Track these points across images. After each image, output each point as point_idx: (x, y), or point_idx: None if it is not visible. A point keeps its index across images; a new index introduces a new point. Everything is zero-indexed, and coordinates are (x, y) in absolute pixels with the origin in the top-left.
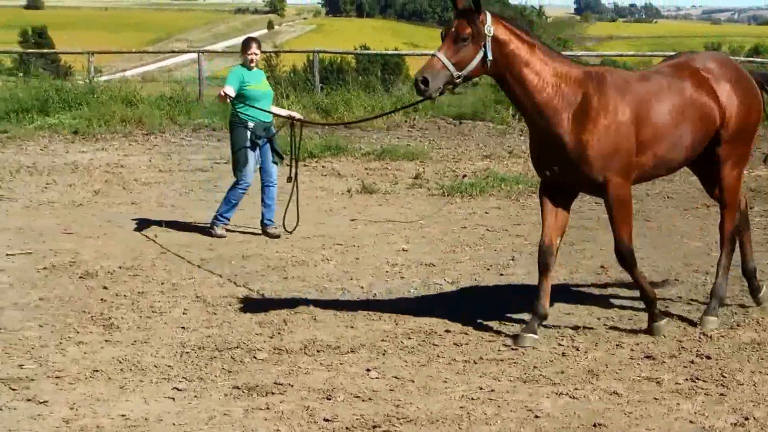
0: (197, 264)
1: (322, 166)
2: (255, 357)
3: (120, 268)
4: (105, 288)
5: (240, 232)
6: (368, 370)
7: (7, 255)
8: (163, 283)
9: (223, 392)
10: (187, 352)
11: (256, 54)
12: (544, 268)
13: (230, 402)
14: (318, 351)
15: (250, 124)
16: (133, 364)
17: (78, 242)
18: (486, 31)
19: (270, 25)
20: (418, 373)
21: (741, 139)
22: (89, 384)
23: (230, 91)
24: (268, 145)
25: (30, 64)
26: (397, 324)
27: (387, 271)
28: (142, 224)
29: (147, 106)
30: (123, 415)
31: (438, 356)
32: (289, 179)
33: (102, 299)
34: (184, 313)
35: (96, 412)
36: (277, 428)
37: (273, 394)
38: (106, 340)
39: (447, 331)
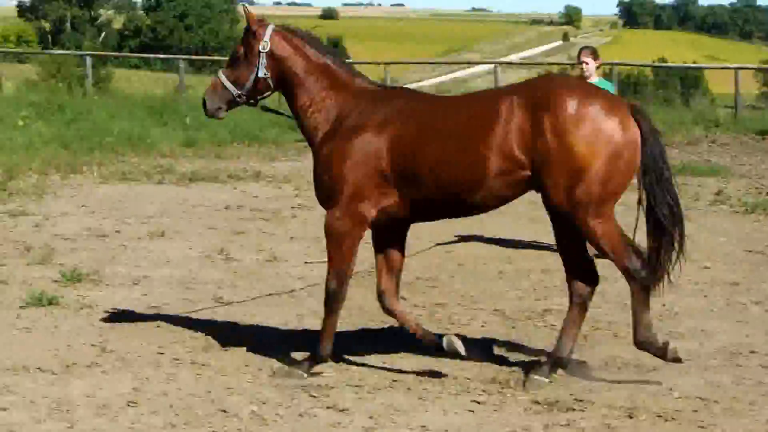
0: (495, 277)
1: None
2: (555, 372)
3: (418, 279)
4: (403, 298)
5: (538, 247)
6: (671, 389)
7: (306, 263)
8: (461, 296)
9: (523, 407)
10: (487, 365)
11: (585, 63)
12: None
13: (530, 417)
14: (619, 368)
15: None
16: (432, 375)
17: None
18: (260, 48)
19: (565, 37)
20: (724, 395)
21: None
22: (388, 393)
23: None
24: None
25: None
26: (700, 343)
27: (689, 290)
28: (439, 237)
29: None
30: (423, 426)
31: (743, 378)
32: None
33: None
34: (483, 326)
35: (395, 422)
36: None
37: (573, 410)
38: (406, 351)
39: (752, 352)
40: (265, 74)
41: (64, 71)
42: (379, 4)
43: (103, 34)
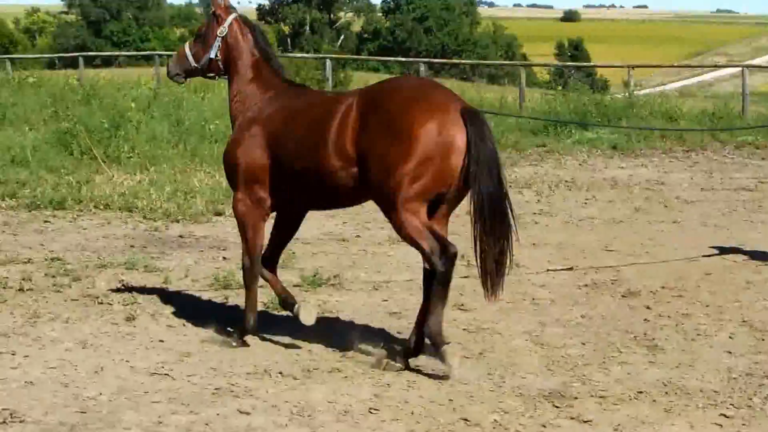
0: (744, 287)
1: None
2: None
3: (663, 288)
4: (648, 308)
5: None
6: None
7: (548, 270)
8: (707, 306)
9: None
10: (734, 378)
11: None
12: None
13: None
14: None
15: None
16: (678, 387)
17: (619, 260)
18: (219, 33)
19: None
20: None
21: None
22: (633, 405)
23: None
24: None
25: (567, 78)
26: None
27: None
28: (685, 244)
29: (688, 121)
30: None
31: None
32: None
33: (645, 319)
34: (730, 338)
35: None
36: None
37: None
38: (650, 362)
39: None
40: (216, 56)
41: (303, 74)
42: (621, 6)
43: (342, 37)
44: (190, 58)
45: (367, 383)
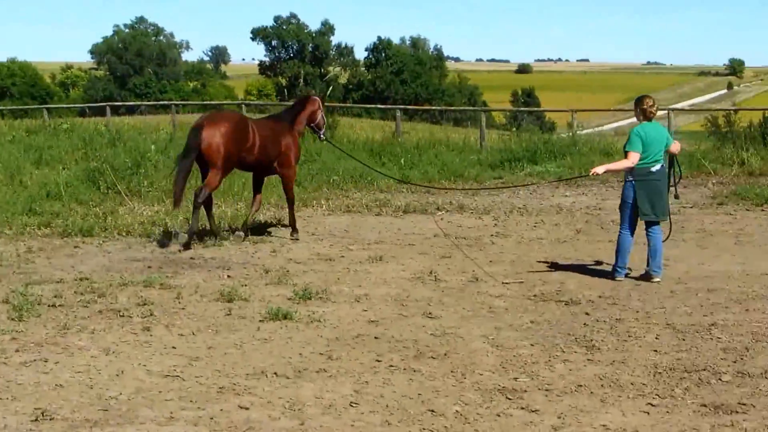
0: (668, 295)
1: None
2: (720, 379)
3: (600, 297)
4: (587, 314)
5: (703, 267)
6: None
7: (503, 283)
8: (637, 312)
9: (692, 409)
10: (659, 372)
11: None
12: None
13: (698, 418)
14: None
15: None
16: (612, 381)
17: (563, 274)
18: None
19: (729, 86)
20: None
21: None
22: (574, 397)
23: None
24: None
25: (521, 120)
26: None
27: None
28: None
29: (621, 155)
30: (604, 426)
31: None
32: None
33: (584, 324)
34: (656, 338)
35: (580, 422)
36: None
37: (737, 413)
38: (589, 359)
39: None
40: None
41: None
42: (567, 60)
43: (330, 88)
44: None
45: (349, 381)
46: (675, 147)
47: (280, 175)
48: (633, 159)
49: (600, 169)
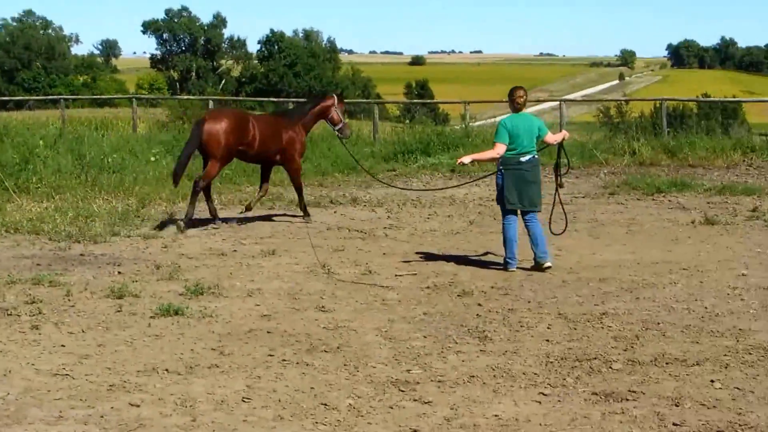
0: (560, 285)
1: (669, 200)
2: (611, 367)
3: (492, 287)
4: (479, 305)
5: (595, 257)
6: (712, 381)
7: (396, 275)
8: (529, 302)
9: (583, 397)
10: (551, 362)
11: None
12: None
13: (590, 406)
14: (667, 363)
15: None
16: (504, 371)
17: (456, 265)
18: None
19: (621, 77)
20: (759, 385)
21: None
22: (467, 388)
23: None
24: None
25: (414, 113)
26: (738, 341)
27: (728, 294)
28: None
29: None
30: (496, 416)
31: None
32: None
33: (477, 315)
34: (548, 328)
35: (473, 413)
36: (630, 430)
37: (627, 400)
38: (481, 350)
39: None
40: None
41: (189, 114)
42: (460, 51)
43: (223, 82)
44: None
45: (241, 376)
46: (551, 137)
47: (285, 168)
48: (499, 150)
49: (466, 159)
